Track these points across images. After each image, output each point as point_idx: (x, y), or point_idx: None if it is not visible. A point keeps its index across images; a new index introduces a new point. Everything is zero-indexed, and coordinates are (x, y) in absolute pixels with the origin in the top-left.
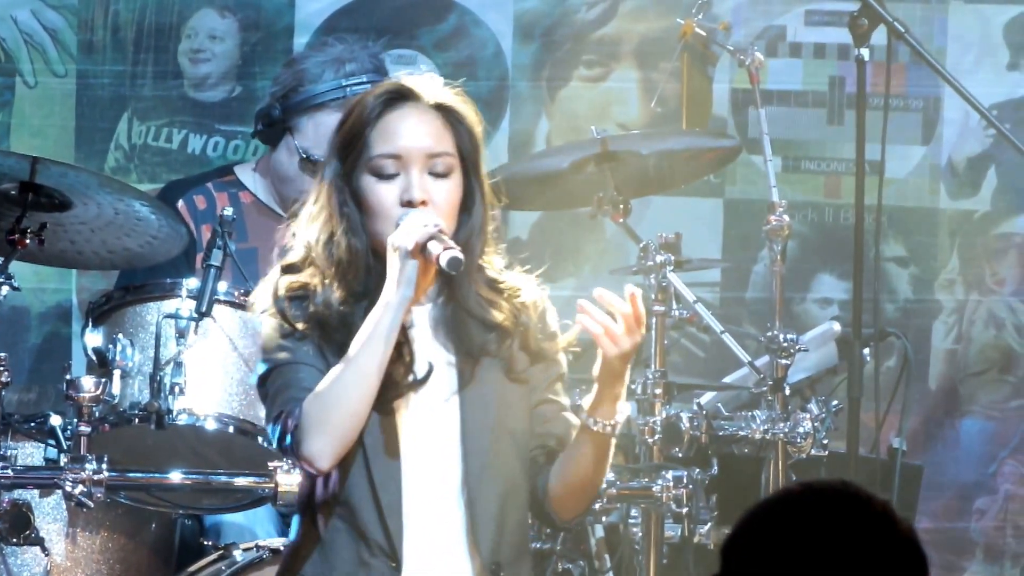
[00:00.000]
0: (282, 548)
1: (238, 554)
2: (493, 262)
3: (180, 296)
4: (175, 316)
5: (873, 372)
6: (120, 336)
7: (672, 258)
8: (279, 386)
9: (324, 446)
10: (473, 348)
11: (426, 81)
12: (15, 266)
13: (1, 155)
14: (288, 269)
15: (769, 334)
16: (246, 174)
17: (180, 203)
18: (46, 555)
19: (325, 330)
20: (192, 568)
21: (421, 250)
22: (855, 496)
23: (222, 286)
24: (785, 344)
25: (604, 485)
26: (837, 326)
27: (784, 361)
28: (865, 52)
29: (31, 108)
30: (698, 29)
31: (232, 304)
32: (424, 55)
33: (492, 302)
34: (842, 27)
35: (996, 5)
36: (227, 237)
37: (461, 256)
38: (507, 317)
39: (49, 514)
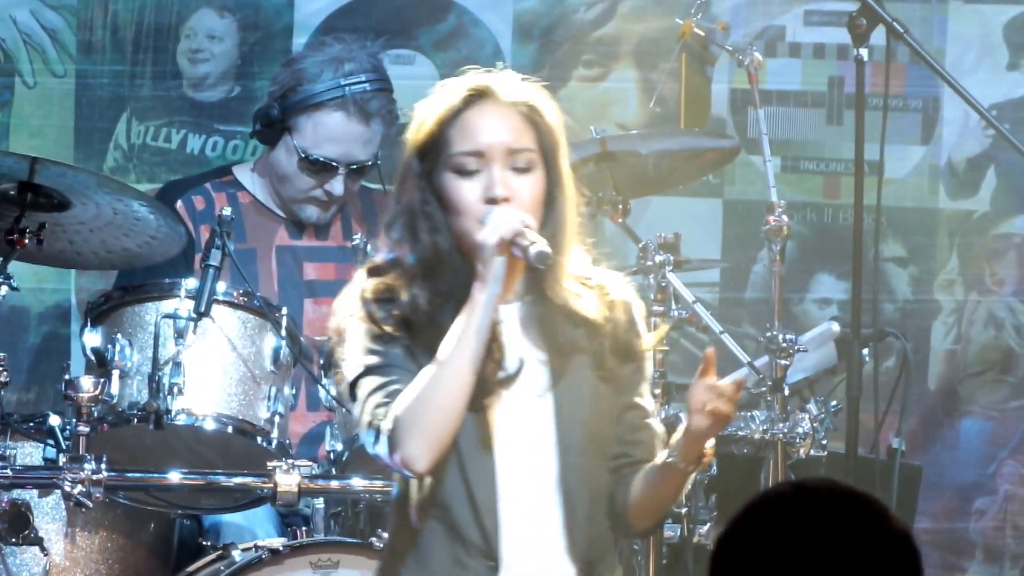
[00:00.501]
0: (281, 549)
1: (237, 554)
2: (581, 258)
3: (179, 296)
4: (174, 316)
5: (872, 372)
6: (119, 336)
7: (671, 258)
8: (371, 390)
9: (421, 449)
10: (563, 344)
11: (504, 78)
12: (14, 266)
13: (0, 155)
14: (373, 271)
15: (768, 334)
16: (244, 174)
17: (179, 203)
18: (45, 555)
19: (414, 331)
20: (191, 568)
21: (508, 246)
22: (847, 494)
23: (221, 286)
24: (784, 344)
25: None
26: (836, 326)
27: (783, 361)
28: (864, 52)
29: (30, 108)
30: (697, 29)
31: (231, 304)
32: (423, 55)
33: (581, 298)
34: (841, 27)
35: (996, 5)
36: (226, 237)
37: (549, 250)
38: (596, 313)
39: (48, 514)
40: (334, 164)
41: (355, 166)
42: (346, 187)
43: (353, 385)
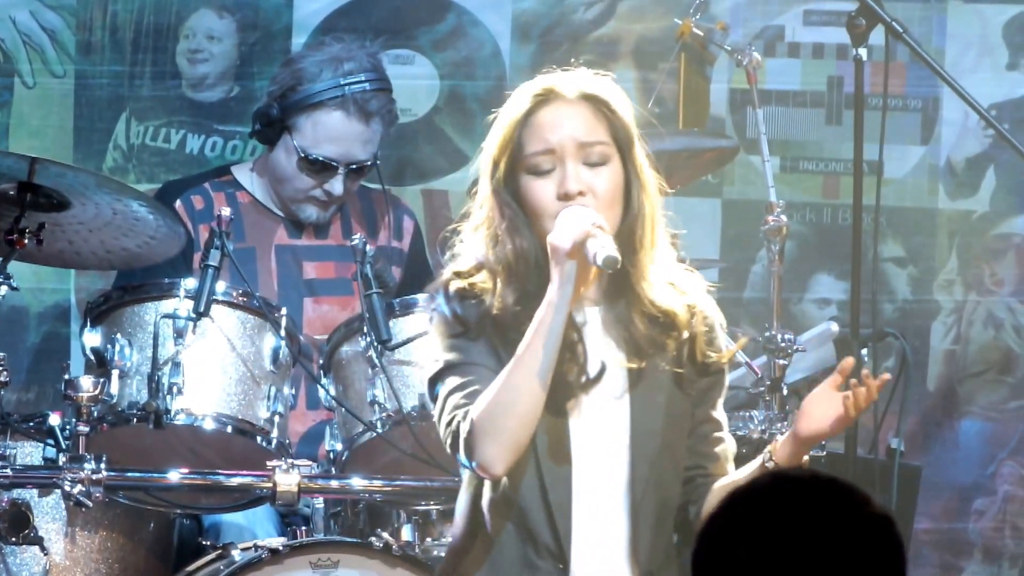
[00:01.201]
0: (281, 548)
1: (236, 554)
2: (667, 254)
3: (178, 296)
4: (173, 316)
5: (871, 373)
6: (118, 336)
7: None
8: (451, 388)
9: (497, 452)
10: (644, 345)
11: (572, 74)
12: (14, 266)
13: (0, 155)
14: (460, 275)
15: (767, 334)
16: (243, 174)
17: (177, 203)
18: (45, 554)
19: (500, 330)
20: (190, 568)
21: (579, 249)
22: (827, 482)
23: (220, 286)
24: (783, 344)
25: None
26: (835, 326)
27: (782, 361)
28: (863, 52)
29: (29, 108)
30: (696, 29)
31: (230, 304)
32: (422, 55)
33: (665, 297)
34: (840, 27)
35: (995, 5)
36: (224, 237)
37: (617, 255)
38: (680, 315)
39: (48, 513)
40: (334, 164)
41: (354, 166)
42: (345, 187)
43: (433, 382)
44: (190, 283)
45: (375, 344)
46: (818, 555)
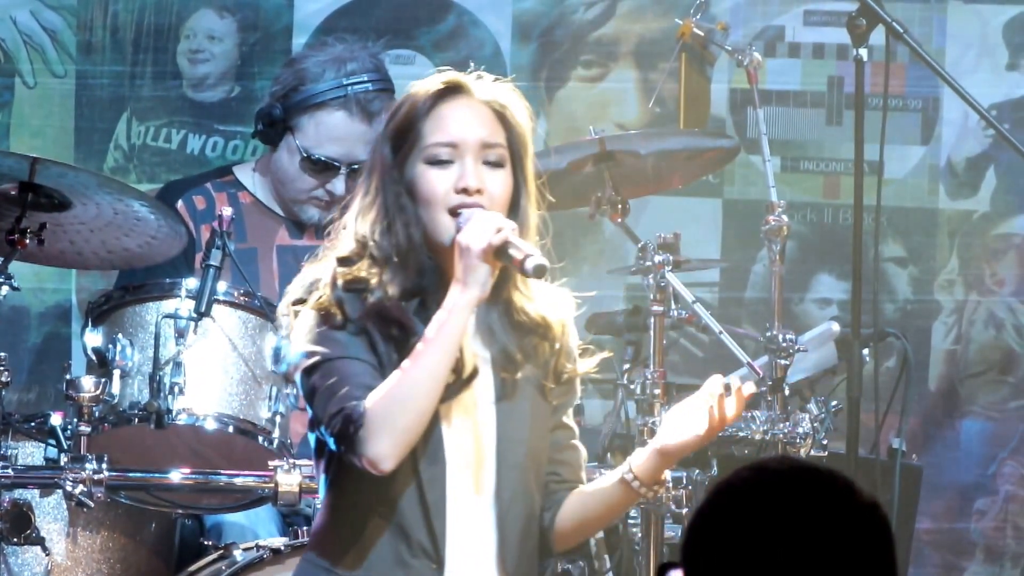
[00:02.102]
0: (283, 548)
1: (238, 554)
2: None
3: (179, 296)
4: (174, 316)
5: (872, 373)
6: (120, 336)
7: (671, 258)
8: (335, 381)
9: (390, 447)
10: (514, 353)
11: (477, 77)
12: (15, 266)
13: (0, 155)
14: (343, 262)
15: (768, 334)
16: (245, 174)
17: (179, 203)
18: (47, 555)
19: (383, 324)
20: (192, 568)
21: (495, 254)
22: (809, 471)
23: (221, 286)
24: (784, 344)
25: None
26: (836, 326)
27: (783, 361)
28: (864, 52)
29: (30, 108)
30: (696, 29)
31: (231, 304)
32: (423, 55)
33: (539, 307)
34: (841, 27)
35: (995, 5)
36: (226, 237)
37: (547, 263)
38: (553, 324)
39: (49, 514)
40: (336, 164)
41: (356, 166)
42: (347, 187)
43: (309, 372)
44: (191, 283)
45: None
46: (805, 545)
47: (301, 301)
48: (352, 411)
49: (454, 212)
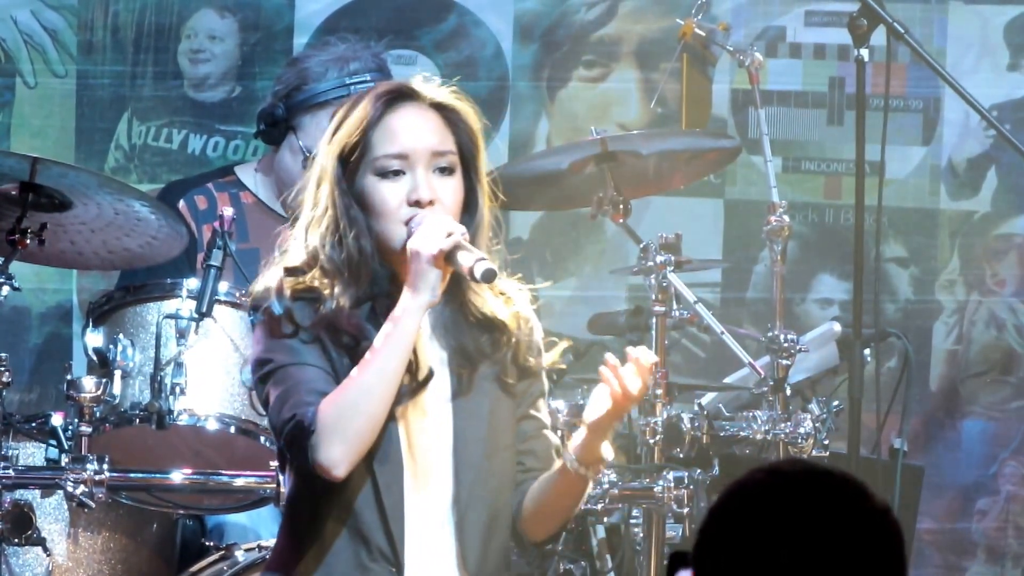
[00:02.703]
0: None
1: (240, 554)
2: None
3: (180, 296)
4: (175, 316)
5: (874, 373)
6: (121, 336)
7: (672, 258)
8: (287, 388)
9: (343, 453)
10: (470, 351)
11: (423, 81)
12: (15, 266)
13: (1, 155)
14: (292, 272)
15: (770, 334)
16: (247, 174)
17: (181, 203)
18: (48, 555)
19: (335, 332)
20: (194, 568)
21: (445, 258)
22: (823, 475)
23: (223, 286)
24: (786, 344)
25: (606, 485)
26: (837, 326)
27: (785, 361)
28: (865, 53)
29: (31, 108)
30: (698, 30)
31: (233, 304)
32: (424, 55)
33: (492, 306)
34: (842, 28)
35: (996, 6)
36: (228, 237)
37: (495, 267)
38: (505, 321)
39: (50, 514)
40: None
41: None
42: None
43: (264, 380)
44: (192, 283)
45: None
46: (816, 548)
47: (255, 309)
48: (303, 417)
49: (407, 223)
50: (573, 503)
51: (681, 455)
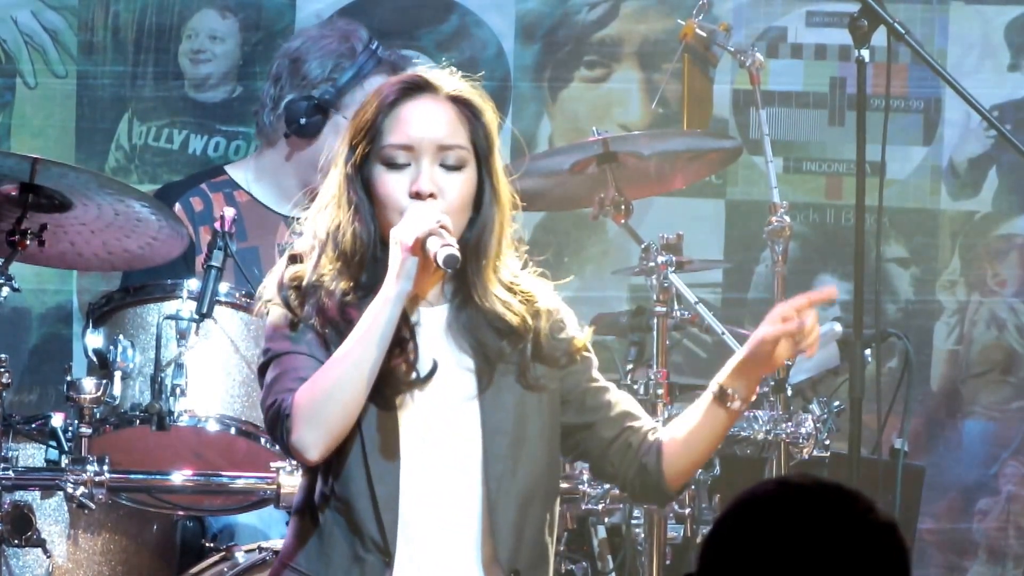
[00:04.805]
0: None
1: (240, 555)
2: (510, 265)
3: (181, 297)
4: (176, 317)
5: (875, 373)
6: (121, 337)
7: (674, 259)
8: (276, 375)
9: (314, 437)
10: (489, 352)
11: (443, 73)
12: (15, 267)
13: (1, 156)
14: (295, 258)
15: None
16: (239, 172)
17: (176, 206)
18: (48, 557)
19: (330, 321)
20: (194, 570)
21: (421, 246)
22: (831, 490)
23: (223, 287)
24: None
25: (607, 486)
26: (838, 327)
27: (786, 362)
28: (866, 53)
29: (31, 109)
30: (699, 30)
31: (233, 305)
32: (425, 55)
33: (507, 305)
34: (843, 28)
35: (997, 6)
36: (228, 238)
37: (458, 254)
38: (520, 322)
39: (50, 516)
40: None
41: None
42: None
43: (262, 370)
44: (193, 284)
45: None
46: (822, 562)
47: (268, 301)
48: (282, 402)
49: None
50: (720, 440)
51: None
